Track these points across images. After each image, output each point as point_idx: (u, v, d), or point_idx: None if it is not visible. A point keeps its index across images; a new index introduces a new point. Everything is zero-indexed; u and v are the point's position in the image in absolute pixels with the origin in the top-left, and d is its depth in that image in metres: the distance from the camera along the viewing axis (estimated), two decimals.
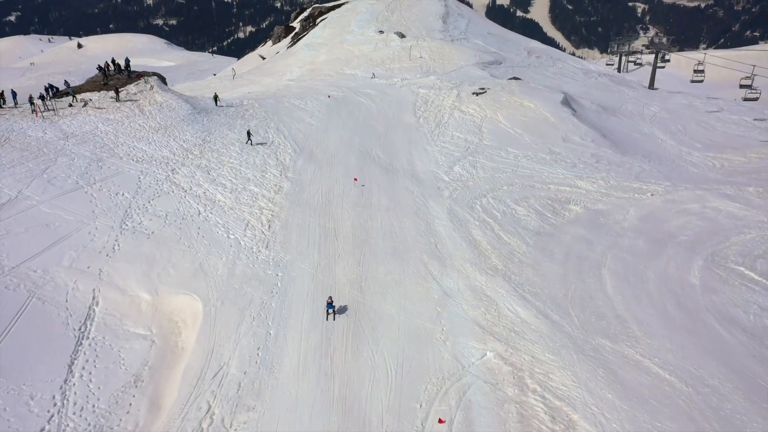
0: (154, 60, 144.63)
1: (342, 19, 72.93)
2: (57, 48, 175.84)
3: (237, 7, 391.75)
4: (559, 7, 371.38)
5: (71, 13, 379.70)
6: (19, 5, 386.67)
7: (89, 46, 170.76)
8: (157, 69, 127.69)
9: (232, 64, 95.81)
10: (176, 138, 34.31)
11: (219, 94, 44.01)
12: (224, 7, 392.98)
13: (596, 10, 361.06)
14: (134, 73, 41.39)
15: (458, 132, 39.12)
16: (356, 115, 42.10)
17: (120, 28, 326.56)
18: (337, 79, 54.50)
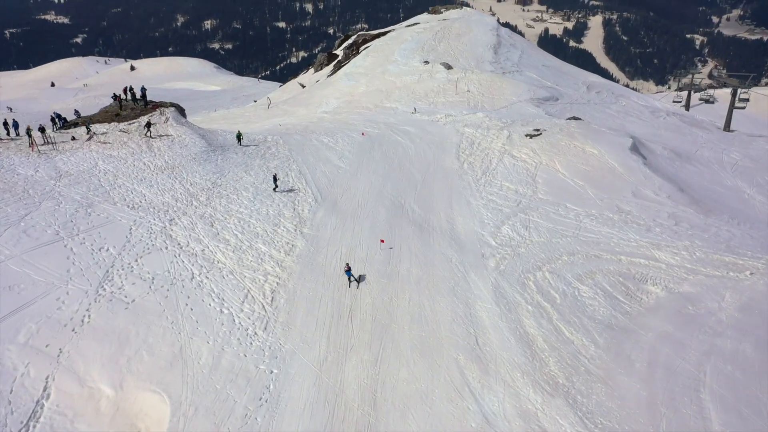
0: (201, 84, 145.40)
1: (385, 47, 68.88)
2: (111, 70, 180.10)
3: (291, 33, 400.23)
4: (614, 38, 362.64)
5: (133, 36, 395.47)
6: (85, 28, 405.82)
7: (141, 68, 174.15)
8: (204, 93, 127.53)
9: (272, 91, 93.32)
10: (183, 180, 30.11)
11: (250, 124, 40.11)
12: (278, 32, 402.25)
13: (652, 41, 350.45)
14: (150, 103, 37.87)
15: (508, 182, 33.56)
16: (391, 156, 37.17)
17: (178, 51, 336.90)
18: (375, 113, 49.99)
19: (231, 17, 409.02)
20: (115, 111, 36.58)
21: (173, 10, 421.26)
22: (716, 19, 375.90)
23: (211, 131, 38.18)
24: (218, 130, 39.07)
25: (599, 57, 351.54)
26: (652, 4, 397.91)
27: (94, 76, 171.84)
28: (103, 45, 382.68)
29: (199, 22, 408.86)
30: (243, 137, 36.37)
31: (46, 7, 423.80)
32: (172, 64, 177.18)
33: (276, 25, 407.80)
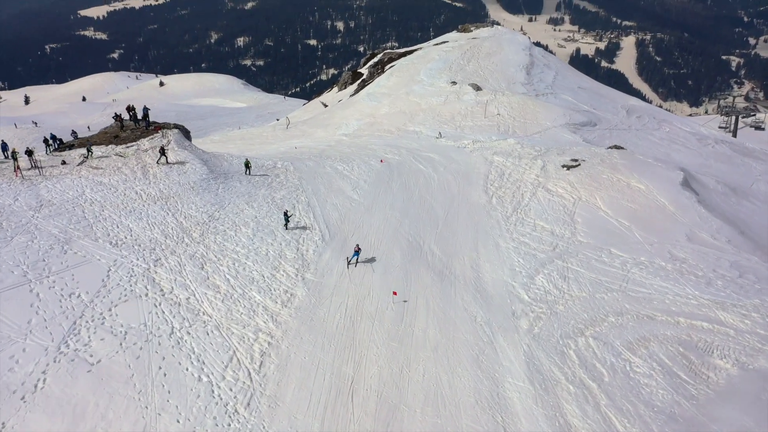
0: (228, 100, 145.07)
1: (411, 66, 65.63)
2: (140, 85, 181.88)
3: (321, 51, 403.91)
4: (647, 58, 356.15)
5: (168, 52, 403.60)
6: (122, 44, 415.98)
7: (170, 84, 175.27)
8: (229, 110, 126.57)
9: (295, 110, 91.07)
10: (177, 212, 27.02)
11: (266, 145, 37.21)
12: (309, 50, 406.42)
13: (686, 62, 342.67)
14: (153, 125, 35.18)
15: (543, 220, 29.58)
16: (411, 188, 33.57)
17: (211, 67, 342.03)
18: (397, 137, 46.62)
19: (263, 35, 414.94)
20: (115, 132, 33.98)
21: (207, 27, 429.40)
22: (753, 40, 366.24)
23: (216, 155, 35.24)
24: (224, 155, 36.11)
25: (632, 78, 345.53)
26: (686, 25, 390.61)
27: (124, 92, 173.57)
28: (138, 60, 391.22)
29: (232, 39, 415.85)
30: (251, 165, 33.11)
31: (86, 24, 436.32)
32: (200, 80, 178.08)
33: (307, 43, 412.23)
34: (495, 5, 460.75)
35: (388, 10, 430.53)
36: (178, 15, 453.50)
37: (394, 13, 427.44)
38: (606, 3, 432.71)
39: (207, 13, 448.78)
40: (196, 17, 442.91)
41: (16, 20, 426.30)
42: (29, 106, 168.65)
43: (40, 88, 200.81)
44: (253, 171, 33.40)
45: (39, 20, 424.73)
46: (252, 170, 33.05)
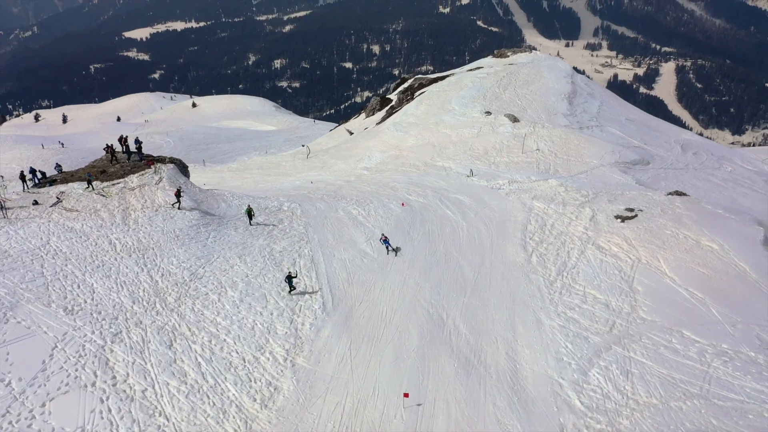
0: (257, 123, 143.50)
1: (442, 94, 60.87)
2: (174, 106, 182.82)
3: (357, 73, 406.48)
4: (687, 85, 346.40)
5: (207, 73, 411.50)
6: (163, 65, 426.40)
7: (203, 105, 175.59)
8: (258, 133, 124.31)
9: (320, 137, 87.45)
10: (153, 268, 22.74)
11: (282, 177, 33.09)
12: (345, 72, 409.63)
13: (728, 89, 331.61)
14: (146, 158, 31.35)
15: (595, 288, 24.24)
16: (436, 239, 28.63)
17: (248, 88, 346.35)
18: (423, 174, 41.85)
19: (300, 57, 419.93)
20: (103, 166, 30.25)
21: (246, 50, 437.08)
22: None
23: (215, 194, 31.03)
24: (224, 194, 31.89)
25: (671, 104, 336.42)
26: (728, 52, 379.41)
27: (157, 112, 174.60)
28: (178, 81, 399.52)
29: (270, 61, 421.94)
30: (254, 214, 28.32)
31: (130, 45, 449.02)
32: (232, 102, 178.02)
33: (343, 66, 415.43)
34: (531, 30, 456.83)
35: (423, 34, 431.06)
36: (218, 37, 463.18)
37: (430, 37, 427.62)
38: (645, 29, 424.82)
39: (246, 36, 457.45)
40: (236, 40, 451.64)
41: (64, 41, 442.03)
42: (66, 125, 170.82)
43: (78, 107, 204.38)
44: (256, 214, 29.06)
45: (85, 41, 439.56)
46: (255, 217, 28.47)
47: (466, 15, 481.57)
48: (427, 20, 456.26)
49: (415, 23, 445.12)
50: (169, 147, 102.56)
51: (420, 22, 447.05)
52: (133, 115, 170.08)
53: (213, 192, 31.59)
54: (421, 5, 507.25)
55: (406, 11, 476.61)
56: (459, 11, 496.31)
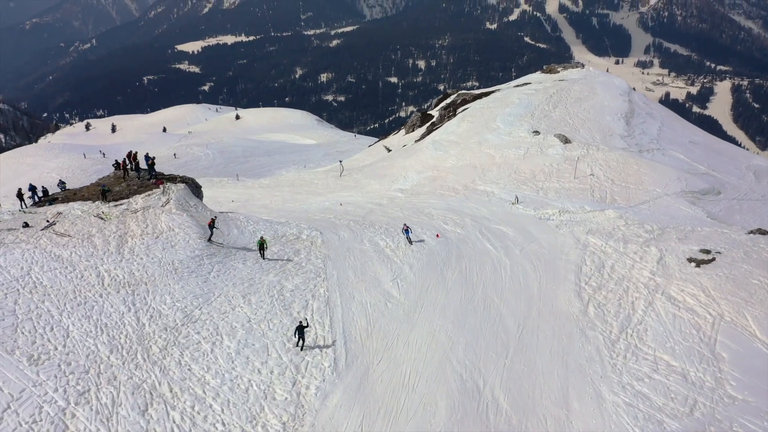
0: (298, 137, 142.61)
1: (486, 111, 56.57)
2: (218, 118, 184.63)
3: (402, 88, 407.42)
4: (743, 104, 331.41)
5: (255, 86, 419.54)
6: (213, 77, 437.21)
7: (246, 118, 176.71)
8: (298, 146, 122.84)
9: (356, 153, 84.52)
10: (143, 308, 19.66)
11: (311, 197, 30.03)
12: (390, 87, 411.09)
13: None
14: (156, 177, 28.64)
15: (668, 353, 19.77)
16: (474, 281, 24.67)
17: (294, 101, 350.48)
18: (463, 199, 37.87)
19: (346, 71, 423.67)
20: (110, 184, 27.68)
21: (293, 63, 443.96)
22: None
23: (227, 219, 27.90)
24: (239, 218, 28.76)
25: (726, 124, 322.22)
26: None
27: (202, 124, 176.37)
28: (227, 93, 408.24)
29: (316, 75, 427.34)
30: (267, 246, 24.83)
31: (182, 58, 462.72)
32: (276, 115, 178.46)
33: (388, 80, 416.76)
34: (580, 47, 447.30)
35: (470, 50, 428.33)
36: (267, 51, 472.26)
37: (476, 52, 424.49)
38: (699, 46, 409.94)
39: (293, 50, 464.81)
40: (283, 53, 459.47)
41: (120, 53, 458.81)
42: (114, 135, 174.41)
43: (126, 117, 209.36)
44: (271, 243, 25.82)
45: (140, 54, 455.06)
46: (269, 249, 25.07)
47: (513, 31, 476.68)
48: (474, 36, 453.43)
49: (462, 39, 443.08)
50: (207, 159, 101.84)
51: (466, 38, 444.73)
52: (179, 126, 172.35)
53: (227, 216, 28.57)
54: (468, 21, 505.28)
55: (453, 27, 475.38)
56: (506, 27, 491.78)
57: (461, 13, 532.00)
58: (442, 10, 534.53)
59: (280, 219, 31.09)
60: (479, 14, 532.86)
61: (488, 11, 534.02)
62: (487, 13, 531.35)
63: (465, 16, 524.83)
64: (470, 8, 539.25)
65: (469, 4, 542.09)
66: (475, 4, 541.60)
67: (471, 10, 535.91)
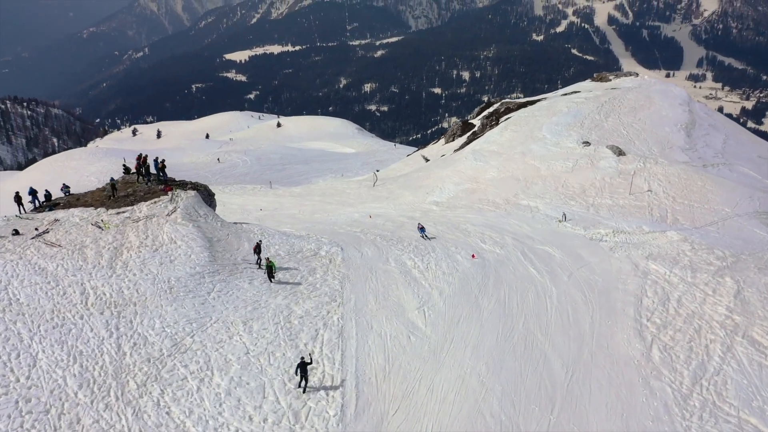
0: (338, 145, 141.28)
1: (531, 120, 52.55)
2: (260, 125, 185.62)
3: (445, 99, 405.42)
4: None
5: (299, 95, 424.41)
6: (259, 86, 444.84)
7: (287, 125, 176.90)
8: (336, 155, 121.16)
9: (397, 161, 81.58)
10: (127, 333, 17.10)
11: (341, 207, 27.67)
12: (433, 98, 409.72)
13: None
14: (166, 182, 26.33)
15: (755, 415, 15.86)
16: (513, 312, 21.18)
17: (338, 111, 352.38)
18: (504, 214, 34.25)
19: (390, 82, 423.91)
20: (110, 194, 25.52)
21: (338, 73, 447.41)
22: None
23: (239, 232, 25.23)
24: (253, 229, 26.09)
25: None
26: None
27: (244, 131, 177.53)
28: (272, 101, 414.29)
29: (360, 85, 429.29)
30: (276, 269, 21.81)
31: (229, 67, 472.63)
32: (315, 123, 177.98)
33: (432, 91, 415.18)
34: (629, 59, 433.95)
35: (515, 61, 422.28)
36: (312, 61, 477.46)
37: (521, 64, 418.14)
38: (755, 60, 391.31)
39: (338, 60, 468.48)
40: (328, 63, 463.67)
41: (170, 62, 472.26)
42: (159, 141, 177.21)
43: (171, 123, 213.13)
44: (286, 260, 23.02)
45: (189, 62, 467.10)
46: (278, 270, 22.17)
47: (560, 43, 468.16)
48: (520, 48, 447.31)
49: (507, 50, 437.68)
50: (245, 166, 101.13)
51: (512, 50, 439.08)
52: (221, 132, 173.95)
53: (240, 227, 25.96)
54: (514, 33, 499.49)
55: (499, 38, 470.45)
56: (553, 39, 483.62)
57: (507, 24, 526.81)
58: (488, 21, 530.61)
59: (299, 232, 28.34)
60: (525, 26, 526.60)
61: (535, 23, 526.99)
62: (533, 25, 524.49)
63: (511, 28, 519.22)
64: (516, 20, 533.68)
65: (516, 16, 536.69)
66: (521, 16, 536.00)
67: (517, 22, 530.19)
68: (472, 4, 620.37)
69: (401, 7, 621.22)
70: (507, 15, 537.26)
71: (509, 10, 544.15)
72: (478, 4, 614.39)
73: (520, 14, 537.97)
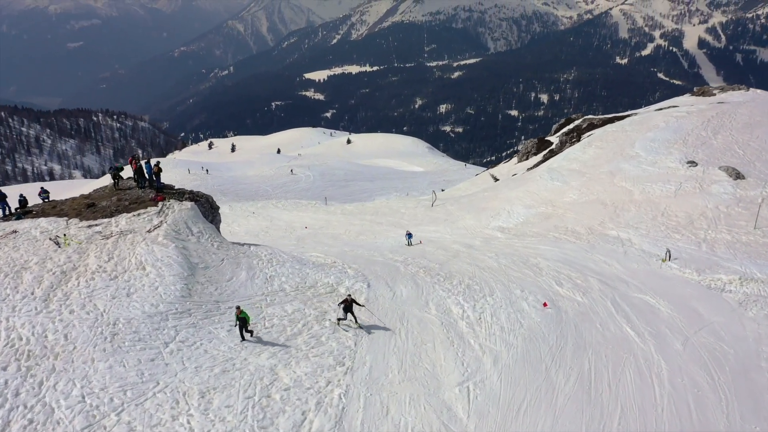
0: (406, 163, 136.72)
1: (620, 135, 44.03)
2: (330, 141, 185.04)
3: (522, 121, 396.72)
4: None
5: (375, 114, 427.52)
6: (336, 104, 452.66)
7: (357, 142, 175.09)
8: (403, 173, 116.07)
9: (464, 181, 75.00)
10: (25, 403, 11.93)
11: (392, 230, 23.38)
12: (510, 120, 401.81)
13: None
14: (159, 190, 21.55)
15: None
16: (602, 396, 14.37)
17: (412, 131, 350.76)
18: (586, 248, 27.00)
19: (466, 103, 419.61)
20: (97, 198, 21.04)
21: (414, 94, 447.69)
22: None
23: (242, 255, 19.85)
24: (260, 254, 20.62)
25: None
26: None
27: (314, 147, 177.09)
28: (347, 120, 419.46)
29: (435, 106, 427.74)
30: (250, 321, 15.35)
31: (308, 85, 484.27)
32: (386, 141, 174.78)
33: (508, 113, 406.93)
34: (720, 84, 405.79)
35: (596, 85, 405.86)
36: (389, 81, 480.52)
37: (603, 87, 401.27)
38: None
39: (415, 81, 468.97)
40: (405, 84, 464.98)
41: (253, 80, 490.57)
42: (233, 154, 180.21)
43: (246, 138, 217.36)
44: (291, 297, 17.38)
45: (270, 81, 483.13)
46: (282, 302, 16.47)
47: (645, 66, 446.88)
48: (602, 71, 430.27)
49: (589, 73, 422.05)
50: (308, 181, 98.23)
51: (594, 73, 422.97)
52: (293, 148, 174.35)
53: (243, 250, 20.62)
54: (596, 56, 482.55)
55: (580, 61, 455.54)
56: (638, 62, 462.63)
57: (589, 47, 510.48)
58: (569, 43, 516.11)
59: (326, 258, 22.69)
60: (609, 49, 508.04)
61: (619, 45, 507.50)
62: (617, 48, 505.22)
63: (593, 50, 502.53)
64: (599, 42, 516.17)
65: (599, 38, 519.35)
66: (605, 39, 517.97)
67: (600, 44, 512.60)
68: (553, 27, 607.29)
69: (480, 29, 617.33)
70: (590, 37, 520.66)
71: (592, 32, 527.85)
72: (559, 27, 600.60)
73: (604, 37, 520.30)
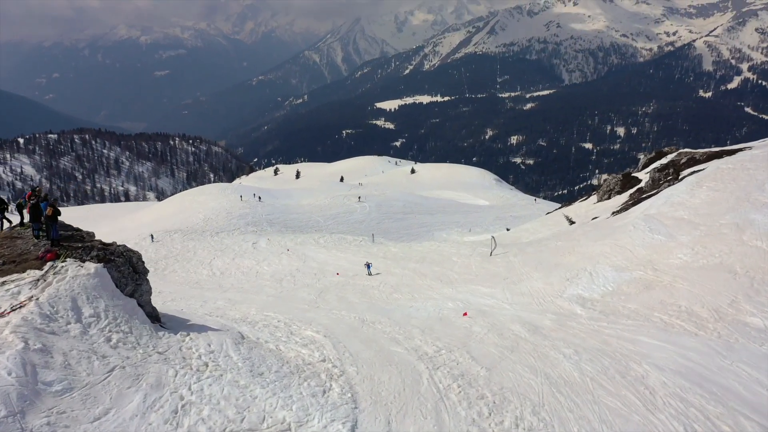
0: (470, 196, 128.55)
1: (741, 174, 33.31)
2: (394, 170, 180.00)
3: (596, 155, 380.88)
4: None
5: (444, 144, 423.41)
6: (406, 134, 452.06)
7: (421, 172, 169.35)
8: (467, 206, 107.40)
9: (536, 219, 65.87)
10: None
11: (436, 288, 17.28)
12: (583, 153, 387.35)
13: None
14: (55, 241, 14.75)
15: None
16: None
17: (481, 161, 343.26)
18: (718, 346, 17.70)
19: (538, 135, 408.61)
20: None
21: (484, 124, 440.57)
22: None
23: (155, 354, 12.61)
24: (185, 347, 13.42)
25: None
26: None
27: (378, 175, 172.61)
28: (416, 149, 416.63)
29: (506, 137, 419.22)
30: None
31: (379, 115, 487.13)
32: (451, 171, 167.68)
33: (582, 146, 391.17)
34: None
35: (677, 119, 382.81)
36: (460, 111, 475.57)
37: (685, 121, 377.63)
38: None
39: (486, 111, 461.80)
40: (476, 114, 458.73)
41: (325, 108, 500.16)
42: (298, 180, 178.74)
43: (311, 164, 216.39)
44: None
45: (342, 109, 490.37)
46: None
47: (731, 100, 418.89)
48: (683, 104, 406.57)
49: (669, 107, 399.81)
50: (363, 212, 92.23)
51: (675, 106, 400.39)
52: (357, 176, 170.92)
53: (170, 344, 13.35)
54: (677, 88, 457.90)
55: (660, 94, 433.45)
56: (723, 96, 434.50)
57: (670, 79, 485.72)
58: (649, 76, 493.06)
59: (310, 350, 15.23)
60: (691, 81, 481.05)
61: (702, 78, 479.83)
62: (701, 81, 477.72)
63: (674, 83, 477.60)
64: (681, 75, 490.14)
65: (680, 71, 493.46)
66: (687, 71, 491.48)
67: (682, 77, 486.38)
68: (631, 59, 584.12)
69: (555, 61, 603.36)
70: (671, 70, 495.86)
71: (674, 64, 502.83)
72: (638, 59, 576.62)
73: (686, 69, 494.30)
